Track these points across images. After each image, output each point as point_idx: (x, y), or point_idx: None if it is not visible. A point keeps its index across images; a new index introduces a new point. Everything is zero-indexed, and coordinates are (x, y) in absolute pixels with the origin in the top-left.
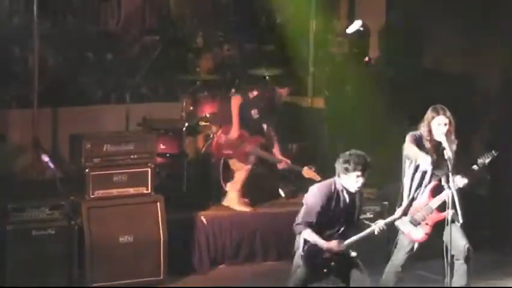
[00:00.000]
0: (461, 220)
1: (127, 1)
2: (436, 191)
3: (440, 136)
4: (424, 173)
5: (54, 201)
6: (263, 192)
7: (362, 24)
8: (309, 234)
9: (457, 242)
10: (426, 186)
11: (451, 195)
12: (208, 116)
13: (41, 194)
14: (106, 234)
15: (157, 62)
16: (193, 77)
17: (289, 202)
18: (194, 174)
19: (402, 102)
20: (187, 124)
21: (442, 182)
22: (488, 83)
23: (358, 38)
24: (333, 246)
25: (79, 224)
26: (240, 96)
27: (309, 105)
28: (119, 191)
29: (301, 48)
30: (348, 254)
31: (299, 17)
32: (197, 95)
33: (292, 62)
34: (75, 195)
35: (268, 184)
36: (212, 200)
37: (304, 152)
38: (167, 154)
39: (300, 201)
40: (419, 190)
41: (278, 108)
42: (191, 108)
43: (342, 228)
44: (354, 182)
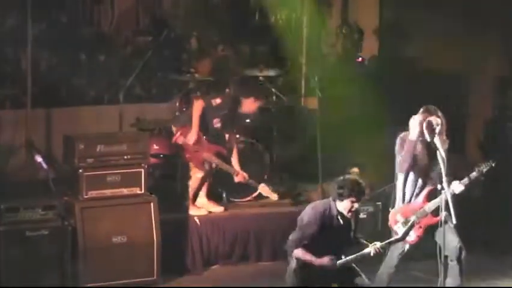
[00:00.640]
0: (455, 221)
1: (120, 2)
2: (431, 195)
3: (434, 138)
4: (417, 178)
5: (47, 201)
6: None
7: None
8: (302, 253)
9: (450, 243)
10: (421, 189)
11: (445, 196)
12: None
13: (34, 195)
14: (99, 235)
15: (151, 62)
16: (186, 78)
17: (282, 202)
18: (187, 174)
19: (395, 102)
20: None
21: (438, 187)
22: (481, 82)
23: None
24: (325, 262)
25: (73, 225)
26: (202, 100)
27: (302, 105)
28: (113, 191)
29: (294, 48)
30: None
31: (292, 17)
32: (190, 95)
33: (285, 63)
34: (68, 196)
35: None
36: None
37: (296, 153)
38: (161, 154)
39: (293, 202)
40: (413, 192)
41: (240, 119)
42: (184, 108)
43: (337, 248)
44: (348, 208)
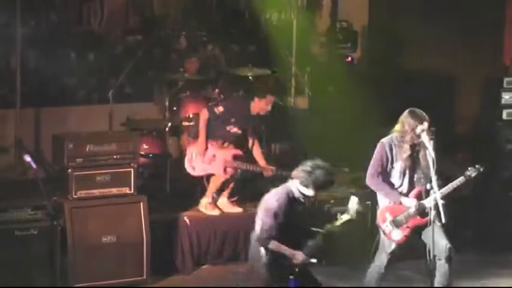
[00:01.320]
0: (444, 220)
1: (110, 1)
2: (421, 196)
3: (424, 139)
4: (403, 173)
5: (36, 201)
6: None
7: None
8: (276, 246)
9: (438, 242)
10: (410, 188)
11: (433, 196)
12: (192, 116)
13: (23, 194)
14: (88, 235)
15: (140, 62)
16: (176, 77)
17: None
18: (177, 174)
19: (384, 102)
20: (170, 124)
21: (427, 187)
22: (469, 82)
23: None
24: (297, 254)
25: (62, 225)
26: (206, 110)
27: (291, 105)
28: (102, 191)
29: (284, 48)
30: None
31: (282, 17)
32: (180, 95)
33: (275, 62)
34: (58, 196)
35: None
36: (195, 200)
37: (286, 152)
38: (151, 154)
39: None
40: (400, 189)
41: (252, 117)
42: (174, 108)
43: (298, 236)
44: (313, 195)
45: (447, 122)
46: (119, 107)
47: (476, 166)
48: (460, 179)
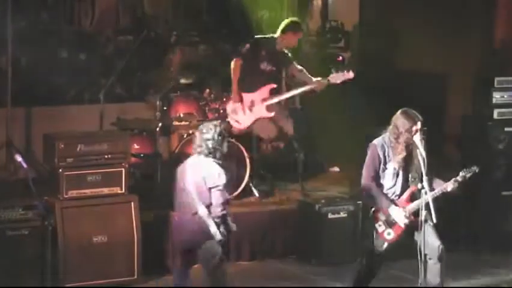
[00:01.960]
0: (435, 220)
1: (101, 1)
2: (413, 196)
3: (416, 140)
4: (396, 173)
5: (27, 201)
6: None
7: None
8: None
9: (430, 242)
10: (403, 188)
11: (425, 196)
12: (183, 115)
13: (14, 194)
14: (79, 234)
15: (131, 62)
16: (167, 77)
17: (263, 202)
18: (168, 174)
19: (375, 102)
20: (161, 124)
21: (418, 186)
22: (461, 81)
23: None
24: None
25: (53, 224)
26: (239, 58)
27: (282, 105)
28: (93, 191)
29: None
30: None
31: (272, 16)
32: (171, 95)
33: None
34: (48, 195)
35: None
36: None
37: (277, 151)
38: (141, 154)
39: (274, 201)
40: (393, 190)
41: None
42: (165, 108)
43: None
44: None
45: (438, 121)
46: (110, 107)
47: (472, 168)
48: (458, 178)
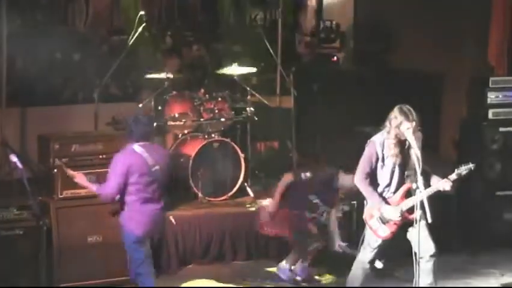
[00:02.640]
0: (430, 220)
1: (95, 1)
2: (409, 193)
3: (408, 137)
4: (392, 170)
5: (22, 201)
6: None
7: None
8: None
9: (423, 241)
10: (398, 185)
11: (419, 194)
12: (177, 115)
13: (9, 194)
14: (74, 234)
15: (126, 61)
16: (161, 77)
17: (258, 202)
18: None
19: (370, 101)
20: (155, 124)
21: (413, 185)
22: (455, 83)
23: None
24: None
25: (47, 224)
26: (291, 174)
27: (277, 105)
28: (88, 191)
29: (269, 47)
30: None
31: (267, 16)
32: (165, 95)
33: (260, 62)
34: (43, 196)
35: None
36: (180, 200)
37: (271, 152)
38: None
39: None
40: (389, 187)
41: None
42: (159, 107)
43: None
44: None
45: (433, 121)
46: (104, 107)
47: (469, 165)
48: (453, 176)
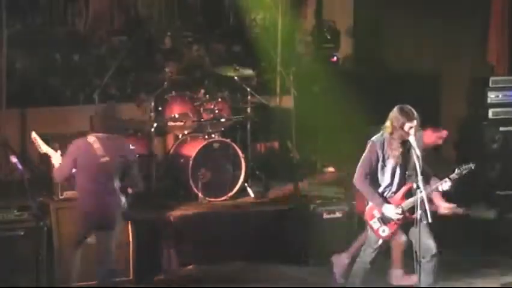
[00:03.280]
0: (430, 220)
1: (95, 1)
2: (410, 193)
3: (411, 138)
4: (394, 170)
5: (22, 202)
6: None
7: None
8: None
9: (424, 241)
10: (399, 185)
11: (419, 195)
12: (177, 116)
13: (9, 195)
14: (74, 235)
15: (125, 62)
16: (161, 78)
17: (258, 202)
18: (163, 174)
19: (370, 102)
20: (155, 124)
21: (413, 186)
22: (455, 82)
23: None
24: None
25: (48, 225)
26: None
27: (277, 105)
28: None
29: (269, 47)
30: None
31: (267, 17)
32: (165, 96)
33: (260, 62)
34: (44, 196)
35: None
36: (181, 201)
37: (272, 152)
38: (136, 154)
39: (269, 201)
40: (390, 187)
41: None
42: (159, 108)
43: None
44: None
45: (433, 121)
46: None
47: (469, 164)
48: (454, 175)
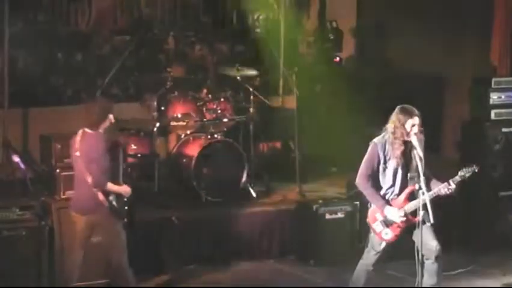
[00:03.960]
0: (432, 221)
1: (98, 0)
2: (412, 195)
3: (411, 137)
4: (395, 172)
5: (24, 201)
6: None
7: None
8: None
9: (427, 242)
10: (402, 188)
11: (422, 196)
12: (180, 116)
13: (11, 195)
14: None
15: (128, 62)
16: (163, 78)
17: (260, 202)
18: (165, 174)
19: (372, 102)
20: (158, 124)
21: (416, 187)
22: (458, 83)
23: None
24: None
25: (50, 225)
26: None
27: (279, 105)
28: None
29: (272, 48)
30: None
31: (270, 17)
32: (168, 95)
33: (263, 62)
34: (46, 196)
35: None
36: (183, 201)
37: (274, 152)
38: (139, 154)
39: (271, 201)
40: (392, 189)
41: None
42: (162, 108)
43: None
44: None
45: (435, 122)
46: None
47: (473, 167)
48: (456, 178)
